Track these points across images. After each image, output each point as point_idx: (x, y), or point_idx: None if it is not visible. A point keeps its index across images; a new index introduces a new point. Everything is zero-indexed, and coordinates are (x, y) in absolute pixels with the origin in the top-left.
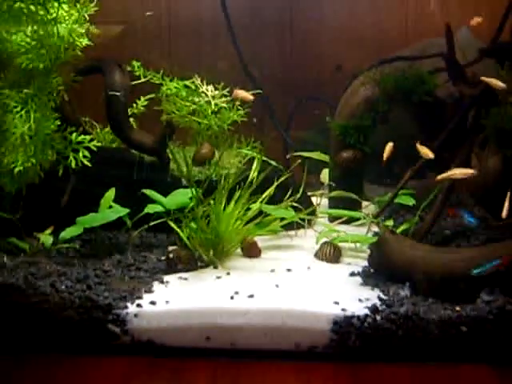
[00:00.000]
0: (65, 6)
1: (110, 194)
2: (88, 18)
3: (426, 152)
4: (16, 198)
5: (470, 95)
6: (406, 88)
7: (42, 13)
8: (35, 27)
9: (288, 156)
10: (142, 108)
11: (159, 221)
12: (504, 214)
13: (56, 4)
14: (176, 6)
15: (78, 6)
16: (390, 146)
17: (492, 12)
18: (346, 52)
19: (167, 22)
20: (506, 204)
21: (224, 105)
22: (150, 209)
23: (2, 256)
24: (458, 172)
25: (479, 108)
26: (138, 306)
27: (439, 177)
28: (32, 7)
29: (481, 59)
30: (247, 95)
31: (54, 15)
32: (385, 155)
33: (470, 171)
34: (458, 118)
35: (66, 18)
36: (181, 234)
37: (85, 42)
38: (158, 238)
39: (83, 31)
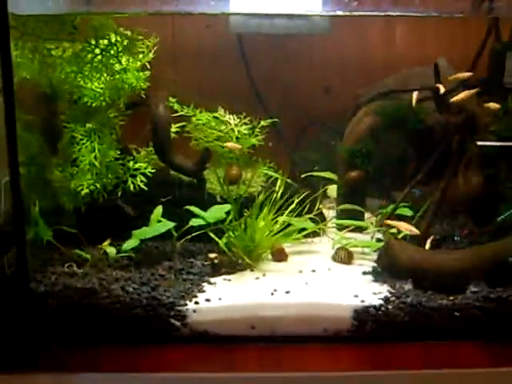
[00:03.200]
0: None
1: (159, 210)
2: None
3: None
4: (76, 214)
5: (455, 123)
6: (401, 117)
7: (116, 64)
8: (109, 76)
9: (303, 176)
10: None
11: (200, 232)
12: None
13: (126, 56)
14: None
15: (141, 56)
16: None
17: (468, 42)
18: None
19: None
20: None
21: (245, 131)
22: (194, 222)
23: (72, 265)
24: (403, 226)
25: (463, 134)
26: (196, 303)
27: (386, 221)
28: (111, 60)
29: (456, 90)
30: (236, 146)
31: (125, 65)
32: None
33: (414, 230)
34: (445, 142)
35: (132, 66)
36: (220, 242)
37: (145, 85)
38: (197, 246)
39: (145, 77)
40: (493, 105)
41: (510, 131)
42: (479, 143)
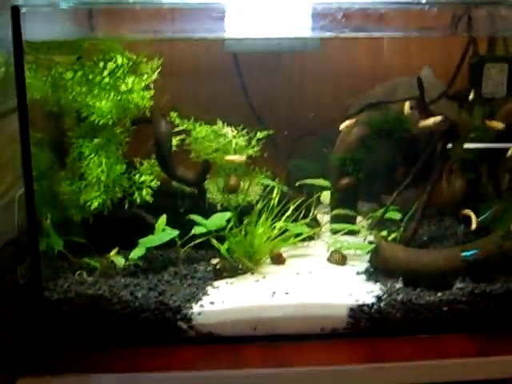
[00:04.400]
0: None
1: (163, 219)
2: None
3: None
4: (84, 225)
5: (438, 130)
6: (389, 127)
7: (122, 86)
8: (116, 96)
9: (297, 183)
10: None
11: (203, 239)
12: (474, 226)
13: (132, 77)
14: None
15: (145, 76)
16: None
17: (451, 51)
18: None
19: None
20: (474, 219)
21: (242, 143)
22: (196, 230)
23: (83, 273)
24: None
25: (446, 141)
26: (201, 306)
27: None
28: (118, 81)
29: (439, 99)
30: (234, 158)
31: (130, 86)
32: None
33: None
34: (430, 149)
35: (137, 87)
36: (222, 248)
37: (150, 103)
38: (199, 253)
39: (149, 96)
40: (495, 123)
41: (486, 138)
42: (465, 146)
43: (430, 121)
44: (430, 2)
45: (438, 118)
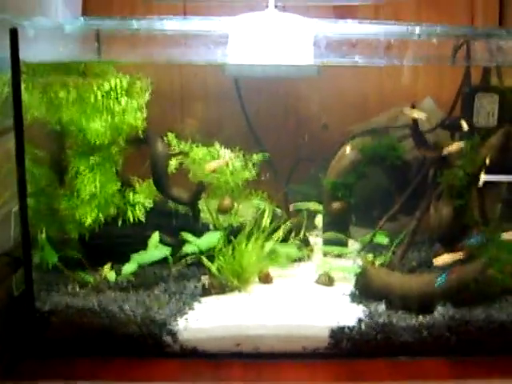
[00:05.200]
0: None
1: (156, 236)
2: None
3: None
4: (80, 241)
5: (430, 158)
6: (381, 154)
7: (116, 106)
8: (110, 117)
9: (291, 207)
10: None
11: (193, 256)
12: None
13: (125, 98)
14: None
15: (138, 97)
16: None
17: (455, 81)
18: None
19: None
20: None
21: (238, 165)
22: (187, 248)
23: (75, 287)
24: None
25: (437, 168)
26: (186, 320)
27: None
28: (111, 102)
29: (435, 129)
30: (214, 165)
31: (124, 107)
32: None
33: None
34: (421, 175)
35: (130, 107)
36: (211, 267)
37: (143, 124)
38: (190, 270)
39: (143, 117)
40: (453, 146)
41: (473, 166)
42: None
43: (454, 146)
44: (429, 33)
45: (461, 144)
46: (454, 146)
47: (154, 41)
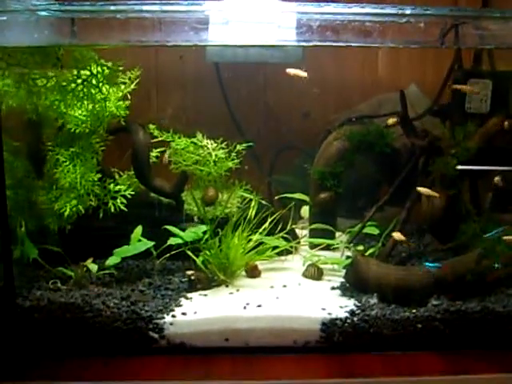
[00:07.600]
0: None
1: (139, 230)
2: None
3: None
4: (60, 234)
5: (420, 146)
6: (369, 141)
7: (97, 94)
8: (91, 105)
9: (276, 197)
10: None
11: (178, 250)
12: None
13: (107, 86)
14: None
15: (122, 86)
16: None
17: (438, 67)
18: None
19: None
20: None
21: (222, 155)
22: (172, 241)
23: (57, 282)
24: None
25: (427, 157)
26: (173, 316)
27: None
28: (92, 90)
29: (424, 116)
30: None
31: (106, 95)
32: None
33: None
34: (411, 164)
35: (113, 96)
36: (197, 260)
37: (125, 113)
38: (175, 264)
39: (125, 105)
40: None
41: (467, 154)
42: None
43: (390, 120)
44: (417, 14)
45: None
46: (390, 121)
47: (130, 24)
